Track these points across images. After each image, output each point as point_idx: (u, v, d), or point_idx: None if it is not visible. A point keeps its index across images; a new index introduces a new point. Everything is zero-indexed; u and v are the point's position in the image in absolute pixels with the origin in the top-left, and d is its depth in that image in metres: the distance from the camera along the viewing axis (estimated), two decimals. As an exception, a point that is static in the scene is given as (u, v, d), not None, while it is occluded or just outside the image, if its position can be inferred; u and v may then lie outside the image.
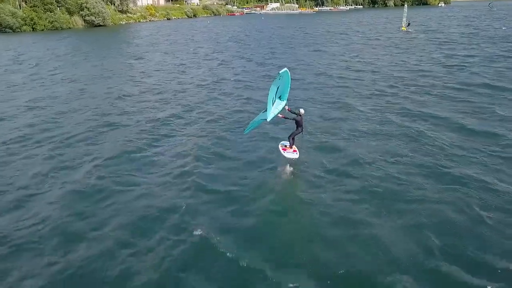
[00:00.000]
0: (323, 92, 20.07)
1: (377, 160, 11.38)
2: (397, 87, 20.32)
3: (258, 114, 11.40)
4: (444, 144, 12.32)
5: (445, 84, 20.24)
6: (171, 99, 20.05)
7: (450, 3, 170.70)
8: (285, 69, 9.80)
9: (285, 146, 11.44)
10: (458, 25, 59.70)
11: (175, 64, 32.16)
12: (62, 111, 18.18)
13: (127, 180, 10.77)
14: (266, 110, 10.16)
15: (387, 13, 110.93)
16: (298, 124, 10.76)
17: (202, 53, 38.27)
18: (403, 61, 28.12)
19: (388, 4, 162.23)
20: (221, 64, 31.34)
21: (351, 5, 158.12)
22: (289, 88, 10.72)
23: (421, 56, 29.96)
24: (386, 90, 19.69)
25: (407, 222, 8.47)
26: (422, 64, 26.36)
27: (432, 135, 13.07)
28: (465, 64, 25.53)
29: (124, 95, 20.97)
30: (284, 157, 11.14)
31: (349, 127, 14.40)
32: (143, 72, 28.77)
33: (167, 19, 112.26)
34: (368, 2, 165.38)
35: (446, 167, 10.75)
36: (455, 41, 38.77)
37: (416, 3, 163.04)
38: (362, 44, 40.28)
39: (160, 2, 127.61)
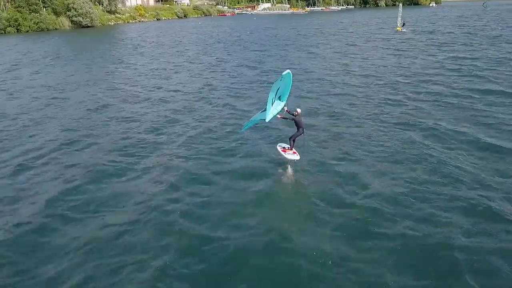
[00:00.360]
0: (324, 101, 18.21)
1: (399, 191, 9.50)
2: (404, 95, 18.56)
3: (257, 113, 11.22)
4: (474, 166, 10.55)
5: (456, 92, 18.53)
6: (152, 110, 17.95)
7: (440, 3, 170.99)
8: (288, 70, 9.74)
9: (284, 147, 11.14)
10: (453, 25, 58.56)
11: (160, 68, 30.05)
12: (27, 125, 16.11)
13: (90, 220, 8.79)
14: (265, 110, 10.09)
15: (379, 13, 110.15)
16: (298, 125, 10.52)
17: (190, 57, 36.21)
18: (405, 65, 26.46)
19: (379, 4, 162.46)
20: (209, 68, 29.33)
21: (342, 5, 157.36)
22: (289, 90, 10.63)
23: (423, 59, 28.40)
24: (393, 99, 17.90)
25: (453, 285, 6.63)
26: (426, 69, 24.72)
27: (456, 156, 11.28)
28: (472, 68, 24.00)
29: (100, 106, 18.86)
30: (285, 158, 10.81)
31: (359, 146, 12.49)
32: (125, 78, 26.64)
33: (157, 19, 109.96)
34: (360, 2, 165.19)
35: (485, 198, 8.96)
36: (455, 42, 37.42)
37: (408, 3, 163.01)
38: (359, 46, 38.70)
39: (149, 2, 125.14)
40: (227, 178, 10.60)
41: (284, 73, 9.64)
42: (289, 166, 11.07)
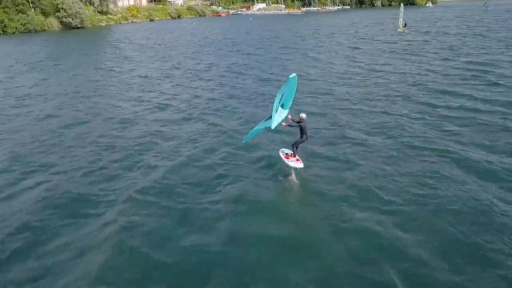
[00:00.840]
0: (334, 119, 15.43)
1: (437, 255, 6.96)
2: (431, 110, 15.78)
3: (259, 122, 10.62)
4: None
5: (489, 107, 15.69)
6: (127, 132, 14.90)
7: (436, 3, 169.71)
8: (294, 74, 9.47)
9: (287, 154, 10.64)
10: (456, 26, 56.24)
11: (145, 76, 26.89)
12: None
13: None
14: (268, 118, 9.85)
15: (376, 13, 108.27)
16: (303, 131, 10.10)
17: (180, 62, 33.23)
18: (422, 72, 23.66)
19: (375, 4, 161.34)
20: (199, 76, 26.29)
21: (338, 5, 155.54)
22: (293, 97, 10.32)
23: (438, 65, 25.68)
24: (419, 117, 14.91)
25: None
26: (445, 77, 21.93)
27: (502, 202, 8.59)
28: (494, 75, 21.43)
29: (67, 125, 15.92)
30: (288, 165, 10.20)
31: (389, 185, 9.68)
32: (103, 88, 23.61)
33: (150, 20, 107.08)
34: (355, 2, 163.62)
35: None
36: (466, 44, 35.03)
37: (404, 3, 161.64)
38: (363, 49, 36.11)
39: (142, 2, 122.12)
40: (214, 240, 7.80)
41: (290, 76, 9.31)
42: (293, 174, 10.23)
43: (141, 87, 23.45)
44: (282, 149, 10.89)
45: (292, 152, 10.45)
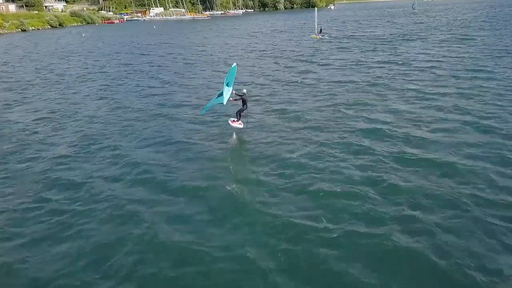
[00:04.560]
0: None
1: None
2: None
3: (213, 98, 13.76)
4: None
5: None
6: None
7: (335, 5, 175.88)
8: (234, 64, 13.29)
9: (233, 120, 14.09)
10: (397, 31, 51.94)
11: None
12: None
13: None
14: (219, 95, 12.92)
15: (284, 16, 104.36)
16: (244, 102, 13.39)
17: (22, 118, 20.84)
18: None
19: (278, 7, 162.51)
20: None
21: (241, 9, 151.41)
22: (234, 77, 13.04)
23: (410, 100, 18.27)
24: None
25: None
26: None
27: None
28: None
29: None
30: (232, 127, 13.97)
31: None
32: None
33: (22, 30, 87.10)
34: (259, 6, 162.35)
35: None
36: (421, 54, 29.02)
37: (305, 5, 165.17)
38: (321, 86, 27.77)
39: (10, 8, 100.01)
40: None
41: (232, 66, 13.17)
42: (234, 134, 13.92)
43: None
44: (231, 118, 14.48)
45: (236, 119, 13.95)
